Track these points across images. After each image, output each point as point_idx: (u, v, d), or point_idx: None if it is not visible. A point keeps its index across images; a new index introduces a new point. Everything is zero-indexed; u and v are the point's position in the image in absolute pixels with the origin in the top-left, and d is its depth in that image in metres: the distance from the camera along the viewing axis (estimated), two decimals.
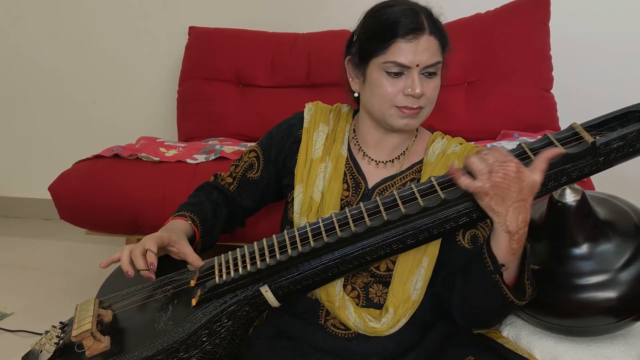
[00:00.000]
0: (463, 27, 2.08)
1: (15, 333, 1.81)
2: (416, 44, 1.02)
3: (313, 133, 1.19)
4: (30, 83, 2.85)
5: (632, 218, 1.10)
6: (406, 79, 1.04)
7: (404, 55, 1.02)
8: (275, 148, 1.22)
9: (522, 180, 0.87)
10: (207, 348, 0.97)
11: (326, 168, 1.15)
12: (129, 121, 2.75)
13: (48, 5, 2.73)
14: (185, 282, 1.06)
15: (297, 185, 1.15)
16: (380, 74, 1.05)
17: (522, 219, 0.90)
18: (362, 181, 1.14)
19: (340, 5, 2.34)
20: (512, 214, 0.89)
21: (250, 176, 1.24)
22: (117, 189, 1.74)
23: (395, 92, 1.05)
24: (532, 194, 0.89)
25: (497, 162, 0.88)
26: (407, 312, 1.05)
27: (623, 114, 0.96)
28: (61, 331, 1.05)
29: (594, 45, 2.19)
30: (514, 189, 0.87)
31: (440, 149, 1.15)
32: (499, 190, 0.87)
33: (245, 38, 2.32)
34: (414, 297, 1.05)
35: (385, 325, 1.04)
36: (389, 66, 1.04)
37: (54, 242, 2.63)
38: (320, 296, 1.08)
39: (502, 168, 0.87)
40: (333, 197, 1.12)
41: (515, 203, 0.88)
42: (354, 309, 1.05)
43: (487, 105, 2.01)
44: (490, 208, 0.90)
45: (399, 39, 1.02)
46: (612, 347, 1.07)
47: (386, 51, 1.03)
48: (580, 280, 1.04)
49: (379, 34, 1.05)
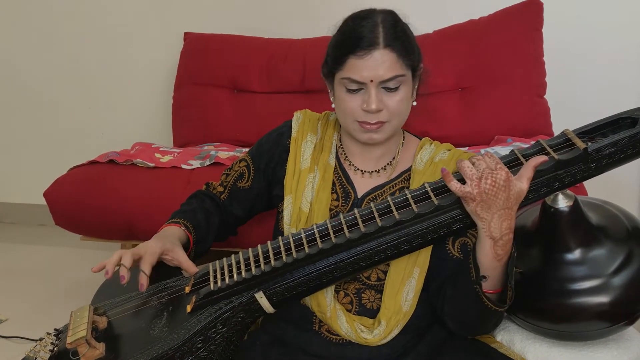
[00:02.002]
0: (457, 33, 2.09)
1: (10, 339, 1.80)
2: (368, 60, 1.00)
3: (301, 143, 1.19)
4: (25, 89, 2.84)
5: (623, 223, 1.11)
6: (364, 94, 1.03)
7: (358, 72, 1.01)
8: (265, 157, 1.22)
9: (509, 189, 0.88)
10: (202, 354, 0.97)
11: (314, 178, 1.15)
12: (124, 127, 2.75)
13: (42, 11, 2.73)
14: (180, 288, 1.06)
15: (287, 196, 1.15)
16: (342, 90, 1.05)
17: (506, 225, 0.91)
18: (352, 190, 1.14)
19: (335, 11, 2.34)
20: (496, 220, 0.90)
21: (241, 185, 1.24)
22: (112, 194, 1.74)
23: (355, 108, 1.04)
24: (518, 202, 0.90)
25: (488, 169, 0.89)
26: (399, 323, 1.05)
27: (615, 120, 0.97)
28: (56, 338, 1.05)
29: (587, 52, 2.21)
30: (501, 196, 0.88)
31: (428, 156, 1.14)
32: (487, 197, 0.88)
33: (241, 44, 2.32)
34: (406, 308, 1.05)
35: (377, 336, 1.04)
36: (346, 82, 1.04)
37: (48, 248, 2.62)
38: (312, 306, 1.08)
39: (492, 175, 0.88)
40: (321, 208, 1.12)
41: (501, 210, 0.89)
42: (346, 319, 1.06)
43: (480, 110, 2.02)
44: (476, 213, 0.91)
45: (351, 56, 1.01)
46: (605, 352, 1.07)
47: (342, 67, 1.03)
48: (572, 285, 1.05)
49: (335, 50, 1.05)
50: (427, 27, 2.12)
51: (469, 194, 0.89)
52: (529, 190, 0.92)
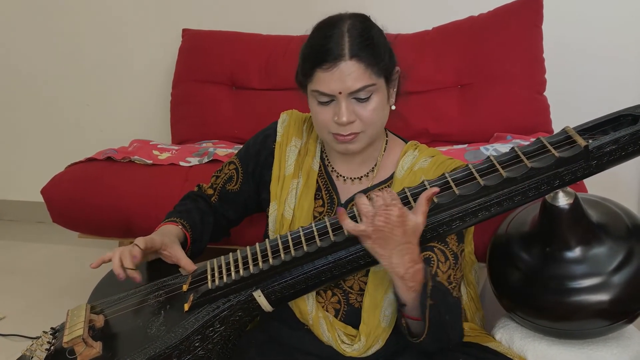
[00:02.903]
0: (456, 29, 2.08)
1: (7, 337, 1.80)
2: (334, 72, 0.98)
3: (286, 148, 1.17)
4: (23, 86, 2.83)
5: (624, 220, 1.10)
6: (335, 106, 1.01)
7: (325, 85, 0.99)
8: (252, 160, 1.21)
9: (404, 225, 0.87)
10: (200, 353, 0.96)
11: (298, 184, 1.14)
12: (122, 124, 2.73)
13: (40, 8, 2.72)
14: (177, 286, 1.05)
15: (272, 202, 1.15)
16: (313, 102, 1.04)
17: (408, 259, 0.89)
18: (335, 196, 1.13)
19: (333, 7, 2.33)
20: (396, 256, 0.89)
21: (230, 188, 1.23)
22: (110, 192, 1.73)
23: (327, 120, 1.03)
24: (416, 236, 0.89)
25: (383, 206, 0.87)
26: (379, 339, 1.04)
27: (615, 118, 0.96)
28: (52, 337, 1.05)
29: (587, 48, 2.20)
30: (397, 232, 0.87)
31: (409, 164, 1.12)
32: (382, 234, 0.87)
33: (239, 40, 2.31)
34: (384, 324, 1.04)
35: (357, 351, 1.03)
36: (316, 95, 1.02)
37: (46, 246, 2.61)
38: (295, 313, 1.07)
39: (385, 212, 0.86)
40: (303, 214, 1.11)
41: (400, 246, 0.88)
42: (327, 327, 1.05)
43: (480, 108, 2.01)
44: (374, 251, 0.90)
45: (318, 69, 0.99)
46: (605, 350, 1.07)
47: (311, 80, 1.02)
48: (573, 283, 1.04)
49: (305, 62, 1.03)
50: (426, 24, 2.11)
51: (364, 232, 0.88)
52: (530, 188, 0.91)
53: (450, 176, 0.94)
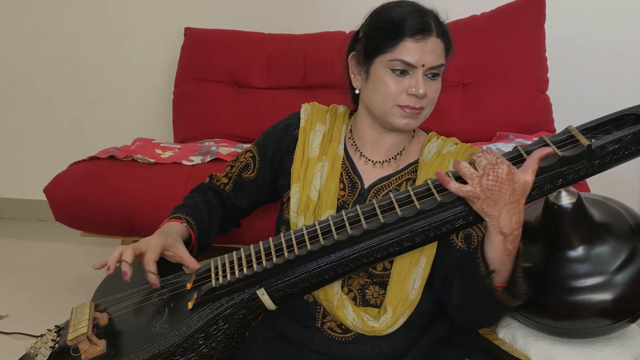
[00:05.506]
0: (459, 28, 2.08)
1: (10, 335, 1.80)
2: (424, 45, 1.03)
3: (310, 132, 1.19)
4: (25, 84, 2.83)
5: (626, 220, 1.10)
6: (410, 79, 1.05)
7: (411, 55, 1.03)
8: (271, 148, 1.22)
9: (514, 182, 0.87)
10: (204, 351, 0.96)
11: (323, 167, 1.15)
12: (125, 122, 2.74)
13: (42, 6, 2.72)
14: (181, 285, 1.06)
15: (294, 184, 1.15)
16: (385, 72, 1.06)
17: (515, 220, 0.90)
18: (358, 181, 1.15)
19: (335, 7, 2.34)
20: (505, 215, 0.89)
21: (246, 176, 1.24)
22: (113, 190, 1.74)
23: (399, 91, 1.05)
24: (524, 194, 0.90)
25: (489, 165, 0.88)
26: (405, 312, 1.05)
27: (618, 117, 0.96)
28: (57, 335, 1.05)
29: (590, 47, 2.20)
30: (507, 191, 0.87)
31: (435, 149, 1.15)
32: (491, 193, 0.88)
33: (241, 39, 2.31)
34: (412, 296, 1.05)
35: (384, 324, 1.04)
36: (395, 64, 1.04)
37: (48, 244, 2.62)
38: (319, 296, 1.07)
39: (493, 171, 0.87)
40: (330, 197, 1.12)
41: (508, 205, 0.88)
42: (352, 308, 1.06)
43: (482, 107, 2.01)
44: (483, 211, 0.90)
45: (407, 38, 1.03)
46: (607, 349, 1.07)
47: (394, 49, 1.04)
48: (575, 282, 1.04)
49: (387, 31, 1.05)
50: None
51: (472, 193, 0.89)
52: (532, 188, 0.91)
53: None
